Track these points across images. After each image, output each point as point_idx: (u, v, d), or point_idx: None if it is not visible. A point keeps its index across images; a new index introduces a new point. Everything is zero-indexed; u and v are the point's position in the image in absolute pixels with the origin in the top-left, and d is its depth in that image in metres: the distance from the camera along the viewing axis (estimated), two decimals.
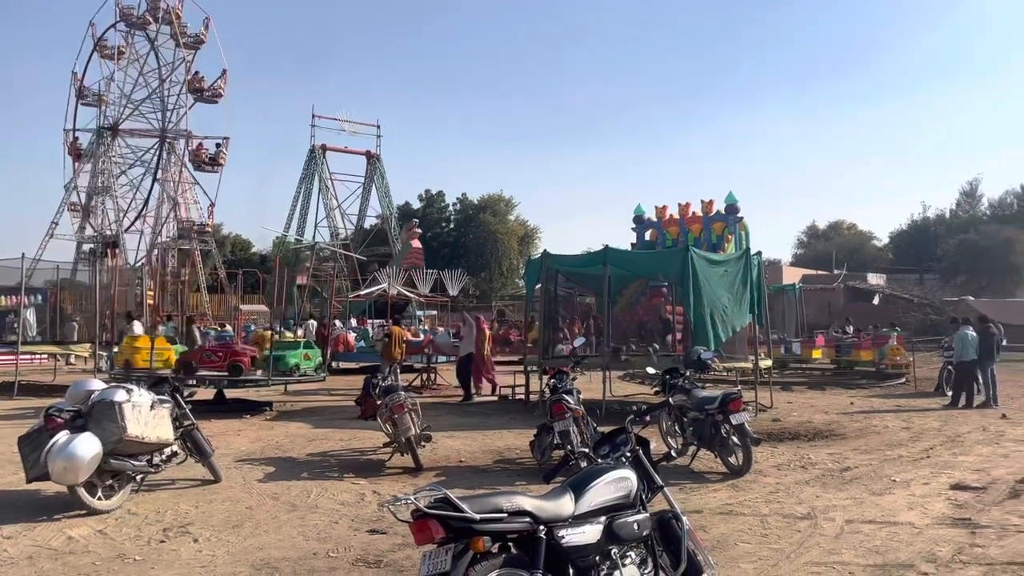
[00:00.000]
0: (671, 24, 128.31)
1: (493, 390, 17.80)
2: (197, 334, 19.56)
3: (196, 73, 48.35)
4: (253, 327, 25.08)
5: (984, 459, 9.92)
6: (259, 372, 14.94)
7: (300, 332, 24.21)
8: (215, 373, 14.56)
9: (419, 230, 46.59)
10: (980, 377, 15.85)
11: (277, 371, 15.04)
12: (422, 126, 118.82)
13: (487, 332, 18.36)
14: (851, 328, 26.07)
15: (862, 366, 22.34)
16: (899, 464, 9.67)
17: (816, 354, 22.65)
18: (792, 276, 44.15)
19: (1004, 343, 17.42)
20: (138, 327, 16.66)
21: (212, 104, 49.49)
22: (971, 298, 39.69)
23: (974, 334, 15.86)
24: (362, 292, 37.65)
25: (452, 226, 71.29)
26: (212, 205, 50.06)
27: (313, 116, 56.11)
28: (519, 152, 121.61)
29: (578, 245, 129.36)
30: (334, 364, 23.09)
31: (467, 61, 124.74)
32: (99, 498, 7.29)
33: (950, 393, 16.41)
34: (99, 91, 48.39)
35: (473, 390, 17.40)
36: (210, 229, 50.07)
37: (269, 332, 16.45)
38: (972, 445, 11.02)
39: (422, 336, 24.19)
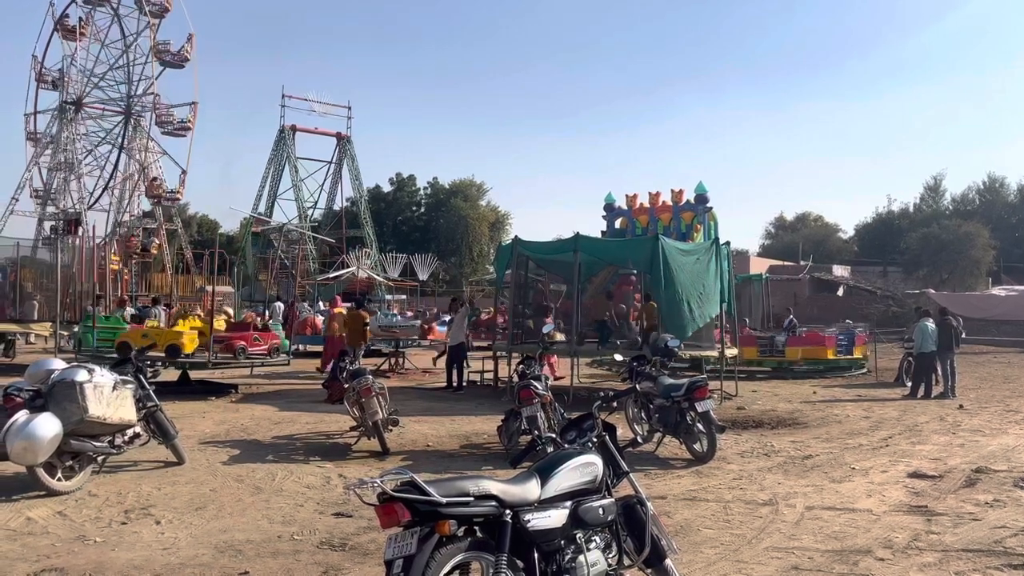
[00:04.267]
0: (646, 14, 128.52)
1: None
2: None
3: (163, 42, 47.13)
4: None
5: (941, 448, 10.13)
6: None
7: (267, 314, 23.97)
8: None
9: (369, 260, 46.45)
10: (939, 368, 16.17)
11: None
12: (393, 109, 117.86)
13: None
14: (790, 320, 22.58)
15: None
16: (859, 452, 9.85)
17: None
18: (759, 266, 44.64)
19: (963, 335, 17.77)
20: None
21: (179, 68, 48.02)
22: (932, 291, 40.39)
23: (934, 326, 16.15)
24: (331, 275, 37.39)
25: (423, 210, 70.90)
26: (184, 173, 48.64)
27: (283, 96, 55.58)
28: (492, 138, 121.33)
29: (549, 232, 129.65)
30: (301, 347, 22.92)
31: (441, 46, 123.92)
32: (59, 479, 7.19)
33: (909, 384, 16.71)
34: (62, 70, 46.89)
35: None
36: (180, 197, 48.68)
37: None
38: (930, 435, 11.25)
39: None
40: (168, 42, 47.26)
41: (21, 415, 6.83)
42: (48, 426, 6.83)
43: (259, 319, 19.96)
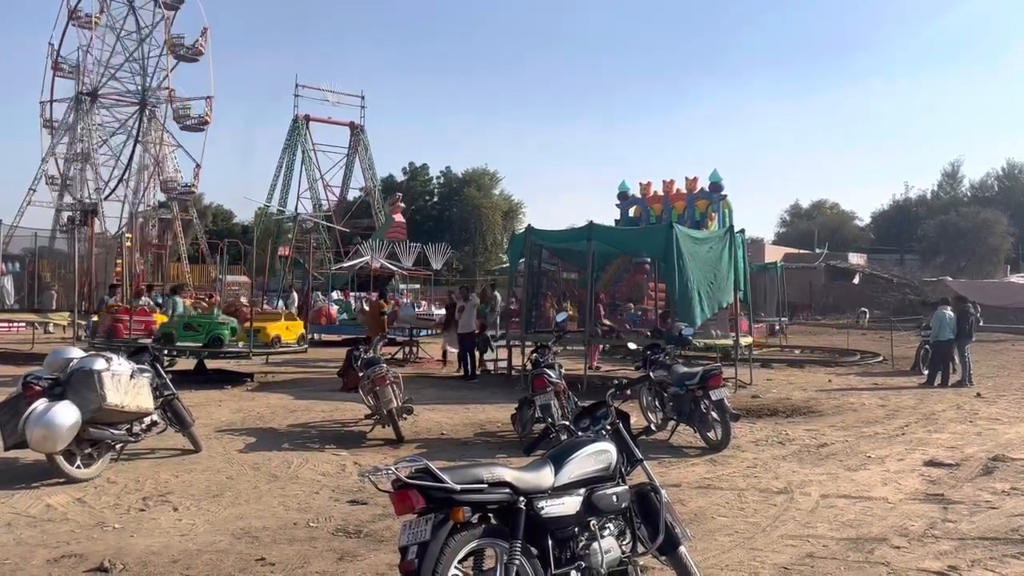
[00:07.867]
0: (660, 2, 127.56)
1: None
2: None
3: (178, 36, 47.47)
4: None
5: (958, 437, 10.07)
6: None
7: (279, 303, 24.07)
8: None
9: (403, 204, 46.09)
10: (956, 356, 16.05)
11: None
12: (407, 99, 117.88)
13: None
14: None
15: None
16: (875, 441, 9.81)
17: None
18: (774, 255, 44.39)
19: (981, 323, 17.61)
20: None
21: (193, 63, 48.48)
22: (949, 279, 40.07)
23: (951, 314, 16.02)
24: (344, 264, 37.45)
25: (436, 199, 70.85)
26: (198, 166, 48.94)
27: (297, 86, 55.40)
28: (505, 127, 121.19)
29: (562, 221, 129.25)
30: (316, 336, 23.01)
31: (453, 34, 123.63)
32: (78, 466, 7.27)
33: (926, 372, 16.60)
34: (77, 61, 47.21)
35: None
36: (195, 190, 49.12)
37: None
38: (946, 423, 11.18)
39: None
40: (182, 36, 47.52)
41: (40, 403, 6.91)
42: (67, 414, 6.90)
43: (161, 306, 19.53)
